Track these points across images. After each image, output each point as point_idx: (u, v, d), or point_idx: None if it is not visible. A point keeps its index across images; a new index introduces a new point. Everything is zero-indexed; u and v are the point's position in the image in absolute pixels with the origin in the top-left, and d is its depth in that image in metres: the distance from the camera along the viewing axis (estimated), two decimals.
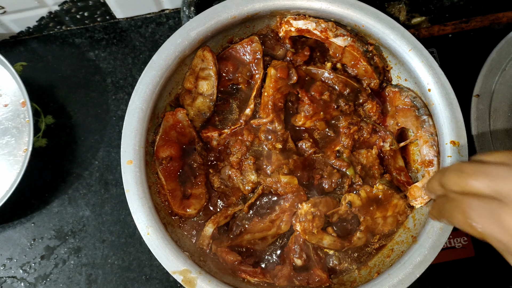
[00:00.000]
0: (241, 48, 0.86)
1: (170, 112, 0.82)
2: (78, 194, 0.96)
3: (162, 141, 0.80)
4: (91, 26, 1.04)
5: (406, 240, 0.79)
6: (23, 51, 1.02)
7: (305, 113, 0.82)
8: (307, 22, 0.84)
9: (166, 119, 0.81)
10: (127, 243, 0.94)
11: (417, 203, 0.80)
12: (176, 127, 0.82)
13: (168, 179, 0.79)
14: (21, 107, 0.93)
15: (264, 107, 0.81)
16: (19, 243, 0.94)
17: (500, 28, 1.01)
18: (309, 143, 0.82)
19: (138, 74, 1.01)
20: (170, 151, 0.80)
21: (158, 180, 0.80)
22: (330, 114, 0.83)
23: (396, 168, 0.84)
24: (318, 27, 0.83)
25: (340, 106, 0.83)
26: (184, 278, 0.72)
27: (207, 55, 0.83)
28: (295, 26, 0.84)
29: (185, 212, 0.79)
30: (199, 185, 0.81)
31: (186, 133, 0.83)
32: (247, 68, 0.85)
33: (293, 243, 0.79)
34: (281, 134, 0.81)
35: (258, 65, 0.85)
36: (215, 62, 0.83)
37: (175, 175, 0.81)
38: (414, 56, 0.79)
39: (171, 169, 0.80)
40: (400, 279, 0.72)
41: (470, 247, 0.92)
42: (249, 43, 0.85)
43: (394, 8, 1.02)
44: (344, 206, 0.78)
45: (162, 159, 0.80)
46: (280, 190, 0.78)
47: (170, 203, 0.79)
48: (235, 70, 0.85)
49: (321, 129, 0.83)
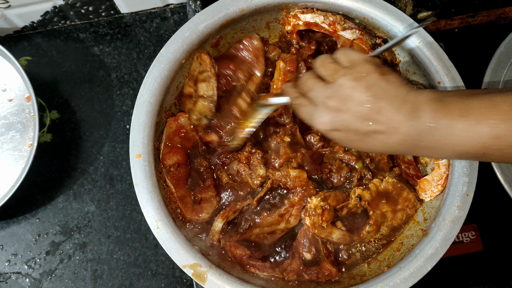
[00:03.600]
0: (241, 46, 0.85)
1: (172, 118, 0.81)
2: (83, 190, 0.95)
3: (167, 148, 0.80)
4: (95, 21, 1.03)
5: (416, 234, 0.79)
6: (27, 46, 1.01)
7: None
8: (315, 16, 0.83)
9: (168, 125, 0.81)
10: (133, 238, 0.94)
11: (427, 196, 0.80)
12: (180, 133, 0.81)
13: (177, 186, 0.79)
14: (26, 102, 0.92)
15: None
16: (24, 239, 0.93)
17: (506, 23, 1.01)
18: (317, 137, 0.81)
19: (143, 69, 1.01)
20: (177, 157, 0.80)
21: (166, 189, 0.78)
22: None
23: (404, 162, 0.84)
24: (326, 20, 0.83)
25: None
26: (195, 272, 0.71)
27: (204, 58, 0.82)
28: (303, 19, 0.84)
29: (199, 217, 0.79)
30: (208, 188, 0.81)
31: (190, 138, 0.82)
32: (247, 66, 0.85)
33: (302, 237, 0.78)
34: (289, 127, 0.80)
35: (259, 62, 0.84)
36: (213, 64, 0.82)
37: (183, 182, 0.80)
38: (424, 49, 0.79)
39: (179, 176, 0.80)
40: (412, 272, 0.72)
41: (478, 241, 0.92)
42: (249, 40, 0.85)
43: (400, 3, 1.02)
44: (354, 200, 0.77)
45: (169, 166, 0.79)
46: (289, 184, 0.77)
47: (182, 210, 0.78)
48: (237, 68, 0.84)
49: None
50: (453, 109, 0.59)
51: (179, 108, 0.85)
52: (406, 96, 0.61)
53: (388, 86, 0.62)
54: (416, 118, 0.60)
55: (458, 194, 0.74)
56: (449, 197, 0.75)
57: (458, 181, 0.75)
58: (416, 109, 0.60)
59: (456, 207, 0.74)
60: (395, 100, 0.61)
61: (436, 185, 0.79)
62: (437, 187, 0.79)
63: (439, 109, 0.59)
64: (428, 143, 0.60)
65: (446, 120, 0.58)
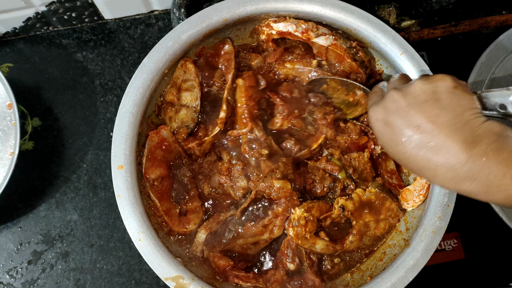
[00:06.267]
0: (213, 52, 0.85)
1: (154, 131, 0.80)
2: (65, 198, 0.94)
3: (149, 161, 0.78)
4: (78, 27, 1.02)
5: (398, 243, 0.80)
6: (9, 52, 1.00)
7: (280, 113, 0.82)
8: (287, 24, 0.83)
9: (150, 138, 0.79)
10: (116, 247, 0.93)
11: (409, 206, 0.81)
12: (162, 146, 0.80)
13: (161, 200, 0.78)
14: (7, 109, 0.91)
15: (240, 118, 0.81)
16: (5, 248, 0.92)
17: (489, 32, 1.02)
18: (292, 141, 0.81)
19: (127, 76, 1.00)
20: (160, 170, 0.79)
21: (151, 203, 0.78)
22: (303, 109, 0.83)
23: (387, 171, 0.84)
24: (299, 29, 0.83)
25: (310, 100, 0.84)
26: (177, 285, 0.71)
27: (189, 66, 0.82)
28: (276, 29, 0.84)
29: (186, 229, 0.78)
30: (193, 199, 0.80)
31: (172, 150, 0.81)
32: (220, 72, 0.85)
33: (286, 247, 0.78)
34: (263, 140, 0.80)
35: (229, 65, 0.84)
36: (198, 73, 0.82)
37: (168, 195, 0.80)
38: (405, 60, 0.79)
39: (163, 189, 0.79)
40: (393, 282, 0.72)
41: (460, 250, 0.93)
42: (221, 46, 0.85)
43: (384, 11, 1.03)
44: (337, 210, 0.78)
45: (153, 180, 0.78)
46: (273, 195, 0.77)
47: (169, 223, 0.77)
48: (211, 75, 0.84)
49: (299, 126, 0.83)
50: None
51: (158, 114, 0.84)
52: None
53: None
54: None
55: (439, 204, 0.75)
56: (430, 208, 0.76)
57: (439, 192, 0.76)
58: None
59: (437, 218, 0.75)
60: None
61: (418, 195, 0.79)
62: (419, 197, 0.79)
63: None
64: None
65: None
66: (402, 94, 0.66)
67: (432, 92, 0.64)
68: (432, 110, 0.62)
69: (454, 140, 0.59)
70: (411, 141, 0.62)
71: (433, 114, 0.62)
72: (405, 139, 0.63)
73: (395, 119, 0.65)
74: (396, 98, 0.66)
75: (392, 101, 0.66)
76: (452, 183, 0.61)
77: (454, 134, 0.60)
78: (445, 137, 0.60)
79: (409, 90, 0.66)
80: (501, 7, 1.07)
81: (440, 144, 0.60)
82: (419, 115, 0.62)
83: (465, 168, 0.58)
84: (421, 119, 0.62)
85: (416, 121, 0.62)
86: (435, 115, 0.62)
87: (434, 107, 0.62)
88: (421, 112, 0.62)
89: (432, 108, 0.62)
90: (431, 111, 0.62)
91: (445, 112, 0.61)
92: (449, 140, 0.59)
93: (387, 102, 0.67)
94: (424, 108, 0.63)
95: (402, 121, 0.64)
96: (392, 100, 0.66)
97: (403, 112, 0.64)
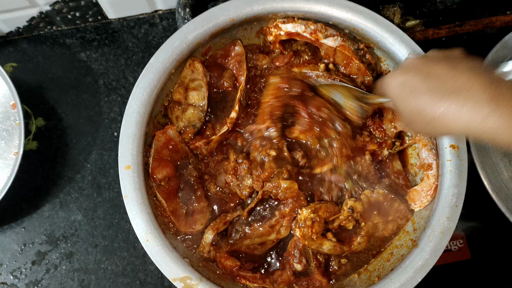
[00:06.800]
0: (223, 53, 0.85)
1: (160, 131, 0.80)
2: (69, 198, 0.94)
3: (156, 161, 0.78)
4: (82, 26, 1.01)
5: (405, 244, 0.80)
6: (12, 51, 0.99)
7: (301, 126, 0.80)
8: (296, 25, 0.83)
9: (157, 138, 0.79)
10: (121, 247, 0.93)
11: (416, 206, 0.81)
12: (168, 145, 0.80)
13: (168, 200, 0.77)
14: (11, 109, 0.91)
15: (261, 113, 0.80)
16: (9, 248, 0.92)
17: (493, 32, 1.02)
18: (300, 153, 0.80)
19: (131, 76, 0.99)
20: (167, 170, 0.79)
21: (158, 204, 0.77)
22: (325, 132, 0.81)
23: (394, 172, 0.84)
24: (308, 29, 0.82)
25: (336, 128, 0.81)
26: (185, 285, 0.70)
27: (197, 66, 0.82)
28: (284, 29, 0.83)
29: (193, 229, 0.78)
30: (199, 199, 0.80)
31: (179, 149, 0.81)
32: (229, 73, 0.84)
33: (293, 248, 0.78)
34: (276, 141, 0.79)
35: (241, 67, 0.84)
36: (206, 73, 0.82)
37: (174, 195, 0.79)
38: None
39: (170, 189, 0.79)
40: (402, 283, 0.72)
41: (466, 250, 0.93)
42: (232, 47, 0.85)
43: (388, 11, 1.02)
44: (346, 212, 0.78)
45: (160, 180, 0.78)
46: (280, 195, 0.77)
47: (176, 224, 0.77)
48: (220, 75, 0.84)
49: (312, 145, 0.81)
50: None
51: (165, 114, 0.83)
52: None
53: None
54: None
55: (447, 205, 0.75)
56: (438, 208, 0.75)
57: (447, 192, 0.75)
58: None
59: (445, 218, 0.75)
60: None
61: (426, 195, 0.79)
62: (426, 197, 0.79)
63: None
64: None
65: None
66: (417, 58, 0.69)
67: (446, 56, 0.66)
68: (451, 63, 0.63)
69: (478, 79, 0.60)
70: (433, 88, 0.62)
71: (452, 65, 0.63)
72: (428, 88, 0.63)
73: (415, 75, 0.65)
74: (412, 60, 0.69)
75: (408, 62, 0.69)
76: (476, 121, 0.59)
77: (476, 76, 0.60)
78: (467, 79, 0.60)
79: (423, 56, 0.69)
80: (506, 7, 1.07)
81: (463, 84, 0.60)
82: (439, 67, 0.64)
83: (490, 106, 0.58)
84: (442, 69, 0.63)
85: (437, 71, 0.63)
86: (453, 66, 0.63)
87: (451, 62, 0.64)
88: (440, 65, 0.64)
89: (450, 62, 0.64)
90: (450, 63, 0.63)
91: (463, 64, 0.63)
92: (471, 79, 0.60)
93: (403, 66, 0.69)
94: (443, 62, 0.64)
95: (422, 75, 0.64)
96: (408, 61, 0.69)
97: (422, 66, 0.66)
